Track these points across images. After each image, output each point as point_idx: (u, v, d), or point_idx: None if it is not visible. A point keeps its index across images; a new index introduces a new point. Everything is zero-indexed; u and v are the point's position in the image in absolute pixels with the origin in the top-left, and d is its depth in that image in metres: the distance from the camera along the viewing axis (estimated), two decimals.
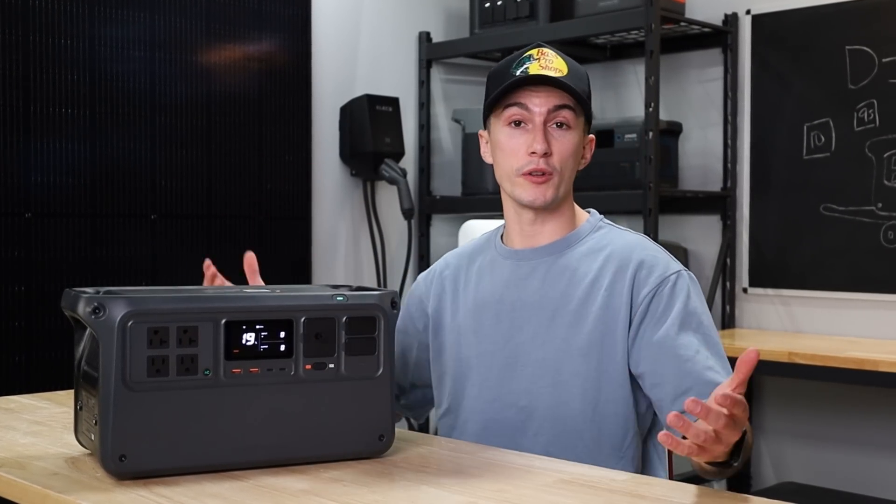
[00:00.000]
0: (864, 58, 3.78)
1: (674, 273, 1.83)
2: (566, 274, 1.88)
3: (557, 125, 1.85)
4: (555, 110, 1.85)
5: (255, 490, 1.46)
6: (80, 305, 1.49)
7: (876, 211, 3.76)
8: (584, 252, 1.89)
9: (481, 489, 1.49)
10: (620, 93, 4.46)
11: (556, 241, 1.91)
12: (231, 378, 1.54)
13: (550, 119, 1.85)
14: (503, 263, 1.95)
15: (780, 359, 3.45)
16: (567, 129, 1.86)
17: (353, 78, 4.20)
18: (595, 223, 1.94)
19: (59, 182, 3.35)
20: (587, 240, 1.91)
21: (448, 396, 1.98)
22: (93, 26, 3.41)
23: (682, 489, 1.51)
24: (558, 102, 1.84)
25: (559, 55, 1.88)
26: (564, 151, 1.85)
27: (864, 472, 3.86)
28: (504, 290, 1.92)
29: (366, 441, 1.63)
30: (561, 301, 1.86)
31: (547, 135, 1.84)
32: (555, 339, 1.85)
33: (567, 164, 1.86)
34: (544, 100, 1.85)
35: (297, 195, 3.97)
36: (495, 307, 1.92)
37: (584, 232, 1.92)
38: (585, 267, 1.87)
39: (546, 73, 1.83)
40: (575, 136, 1.87)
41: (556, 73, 1.84)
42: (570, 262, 1.89)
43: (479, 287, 1.96)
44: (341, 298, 1.62)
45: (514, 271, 1.92)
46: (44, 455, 1.65)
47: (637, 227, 2.02)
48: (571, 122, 1.86)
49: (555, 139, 1.85)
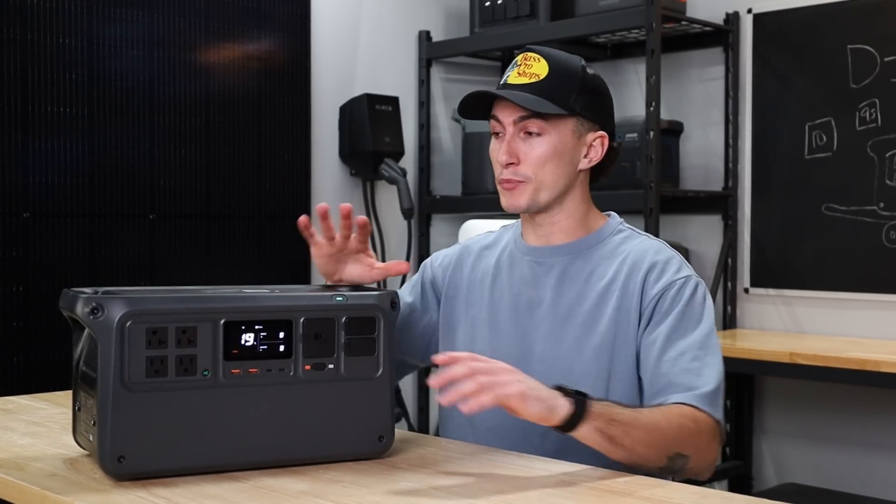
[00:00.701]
0: (865, 57, 3.78)
1: (682, 278, 1.83)
2: (583, 275, 1.89)
3: (527, 133, 1.87)
4: (520, 120, 1.86)
5: (255, 491, 1.46)
6: (79, 306, 1.49)
7: (878, 211, 3.75)
8: (603, 255, 1.90)
9: (482, 490, 1.49)
10: (621, 92, 4.44)
11: (575, 242, 1.92)
12: (230, 379, 1.54)
13: (520, 129, 1.87)
14: (522, 259, 1.96)
15: (781, 359, 3.46)
16: (538, 136, 1.86)
17: (353, 77, 4.20)
18: (615, 227, 1.95)
19: (58, 182, 3.34)
20: (607, 243, 1.92)
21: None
22: (91, 25, 3.41)
23: (683, 490, 1.51)
24: (522, 113, 1.86)
25: (546, 57, 1.88)
26: (535, 159, 1.86)
27: (866, 473, 3.86)
28: (521, 287, 1.93)
29: (365, 442, 1.63)
30: (576, 301, 1.88)
31: (514, 144, 1.86)
32: (567, 339, 1.86)
33: (543, 169, 1.86)
34: (510, 111, 1.86)
35: (297, 195, 3.96)
36: (512, 303, 1.93)
37: (604, 235, 1.93)
38: (602, 269, 1.88)
39: (519, 82, 1.85)
40: (551, 140, 1.86)
41: (531, 79, 1.85)
42: (587, 264, 1.90)
43: (496, 281, 1.97)
44: (341, 299, 1.62)
45: (533, 269, 1.93)
46: (42, 456, 1.65)
47: (638, 227, 2.01)
48: (544, 129, 1.85)
49: (526, 147, 1.86)
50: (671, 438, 1.68)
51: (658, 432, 1.67)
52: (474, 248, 2.06)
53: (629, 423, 1.64)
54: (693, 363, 1.76)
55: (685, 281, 1.83)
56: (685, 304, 1.81)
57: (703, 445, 1.72)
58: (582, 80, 1.88)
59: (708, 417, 1.72)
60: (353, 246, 1.88)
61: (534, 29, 4.05)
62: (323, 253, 1.89)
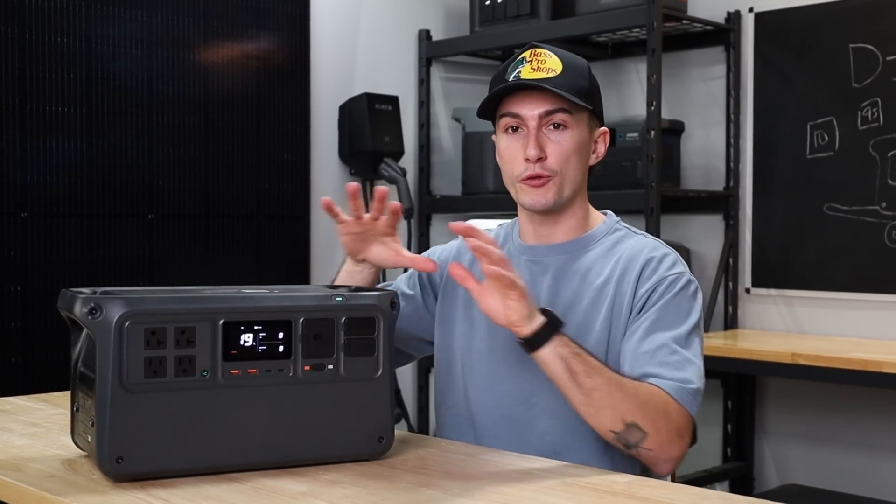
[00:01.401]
0: (867, 56, 3.77)
1: (675, 274, 1.84)
2: (579, 274, 1.89)
3: (554, 126, 1.85)
4: (546, 115, 1.85)
5: (254, 492, 1.46)
6: (77, 306, 1.48)
7: (880, 210, 3.74)
8: (599, 254, 1.90)
9: (482, 492, 1.48)
10: (622, 91, 4.44)
11: (572, 241, 1.92)
12: (229, 379, 1.53)
13: (544, 123, 1.85)
14: (519, 259, 1.95)
15: (783, 360, 3.45)
16: (564, 130, 1.85)
17: (353, 76, 4.19)
18: (611, 225, 1.95)
19: (56, 181, 3.34)
20: (603, 241, 1.92)
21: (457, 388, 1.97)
22: (89, 24, 3.40)
23: (684, 491, 1.51)
24: (549, 107, 1.84)
25: (554, 53, 1.87)
26: (562, 152, 1.85)
27: (868, 474, 3.85)
28: None
29: (365, 443, 1.63)
30: (573, 300, 1.88)
31: (541, 138, 1.85)
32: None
33: (568, 163, 1.86)
34: (534, 105, 1.85)
35: (296, 195, 3.95)
36: None
37: (601, 234, 1.93)
38: (598, 268, 1.88)
39: (537, 76, 1.83)
40: (574, 135, 1.86)
41: (549, 74, 1.84)
42: (584, 263, 1.90)
43: None
44: (340, 299, 1.62)
45: (529, 268, 1.93)
46: (40, 457, 1.65)
47: (639, 227, 2.01)
48: (568, 122, 1.85)
49: (551, 141, 1.85)
50: (633, 406, 1.66)
51: (621, 392, 1.67)
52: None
53: (594, 368, 1.66)
54: (672, 356, 1.74)
55: (677, 276, 1.83)
56: (673, 297, 1.81)
57: (666, 432, 1.68)
58: (590, 76, 1.90)
59: (681, 408, 1.70)
60: (381, 228, 1.88)
61: (534, 28, 4.05)
62: (349, 230, 1.89)
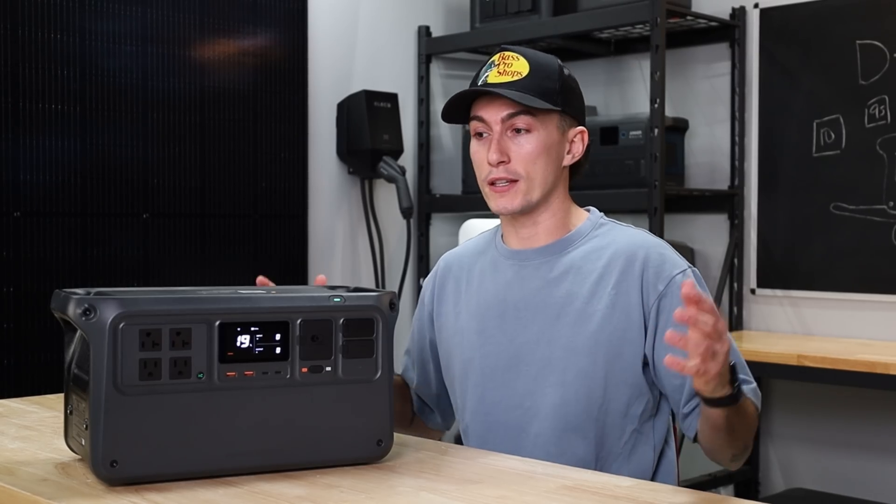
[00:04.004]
0: (875, 53, 3.75)
1: (680, 272, 1.85)
2: (570, 273, 1.90)
3: (516, 131, 1.87)
4: (508, 118, 1.87)
5: (250, 496, 1.45)
6: (71, 307, 1.48)
7: (887, 210, 3.72)
8: (588, 250, 1.91)
9: (482, 495, 1.48)
10: (625, 88, 4.44)
11: (557, 241, 1.93)
12: (225, 381, 1.54)
13: (507, 127, 1.87)
14: (505, 264, 1.96)
15: (788, 361, 3.45)
16: (527, 133, 1.87)
17: (351, 73, 4.18)
18: (596, 221, 1.96)
19: (49, 180, 3.33)
20: (589, 238, 1.93)
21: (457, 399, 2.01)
22: (84, 20, 3.39)
23: (688, 495, 1.51)
24: (510, 110, 1.87)
25: (523, 55, 1.89)
26: (526, 155, 1.87)
27: (875, 478, 3.84)
28: (507, 291, 1.94)
29: (364, 446, 1.63)
30: (566, 300, 1.88)
31: (503, 142, 1.87)
32: (560, 338, 1.87)
33: (534, 166, 1.87)
34: (496, 109, 1.86)
35: (293, 193, 3.95)
36: (499, 308, 1.94)
37: (586, 230, 1.94)
38: (590, 265, 1.89)
39: (502, 80, 1.86)
40: (540, 137, 1.87)
41: (514, 77, 1.86)
42: (573, 261, 1.90)
43: (481, 288, 1.98)
44: (338, 300, 1.62)
45: (517, 272, 1.94)
46: (33, 460, 1.64)
47: (642, 226, 2.02)
48: (532, 125, 1.87)
49: (514, 145, 1.87)
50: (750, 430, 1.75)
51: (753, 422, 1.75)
52: (453, 262, 2.08)
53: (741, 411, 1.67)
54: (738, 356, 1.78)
55: (683, 275, 1.85)
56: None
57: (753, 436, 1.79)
58: (560, 76, 1.90)
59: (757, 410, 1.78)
60: None
61: (535, 24, 4.03)
62: None
